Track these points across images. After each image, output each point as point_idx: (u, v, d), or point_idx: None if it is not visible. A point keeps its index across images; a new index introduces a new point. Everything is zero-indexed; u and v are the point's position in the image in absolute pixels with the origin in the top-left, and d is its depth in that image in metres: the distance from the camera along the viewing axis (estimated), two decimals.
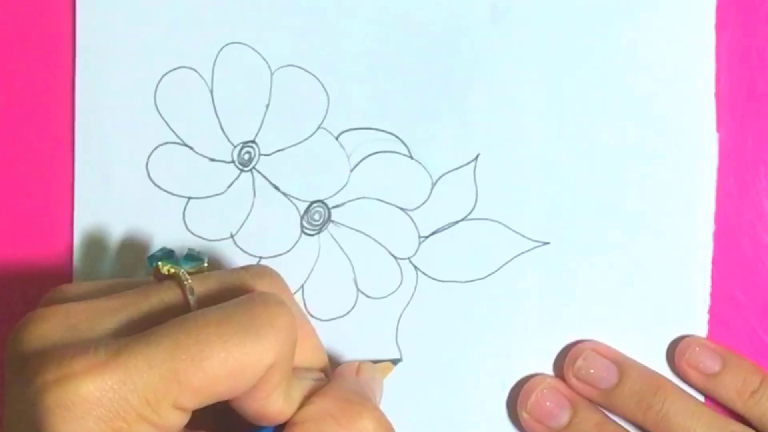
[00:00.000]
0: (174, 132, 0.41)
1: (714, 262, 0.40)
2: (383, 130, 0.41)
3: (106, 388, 0.28)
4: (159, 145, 0.41)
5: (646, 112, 0.40)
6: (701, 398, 0.40)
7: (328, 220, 0.41)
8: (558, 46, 0.41)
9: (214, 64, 0.41)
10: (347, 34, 0.41)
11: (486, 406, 0.41)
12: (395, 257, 0.41)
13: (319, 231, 0.41)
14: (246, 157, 0.41)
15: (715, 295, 0.40)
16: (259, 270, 0.35)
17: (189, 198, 0.41)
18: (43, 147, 0.42)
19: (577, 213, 0.41)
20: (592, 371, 0.39)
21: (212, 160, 0.41)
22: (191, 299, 0.32)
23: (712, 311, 0.40)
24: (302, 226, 0.41)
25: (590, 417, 0.39)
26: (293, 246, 0.41)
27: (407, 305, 0.41)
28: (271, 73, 0.41)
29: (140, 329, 0.30)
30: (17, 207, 0.42)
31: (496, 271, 0.41)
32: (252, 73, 0.41)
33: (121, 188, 0.41)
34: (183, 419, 0.30)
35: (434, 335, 0.41)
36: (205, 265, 0.35)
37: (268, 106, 0.41)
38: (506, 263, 0.41)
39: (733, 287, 0.40)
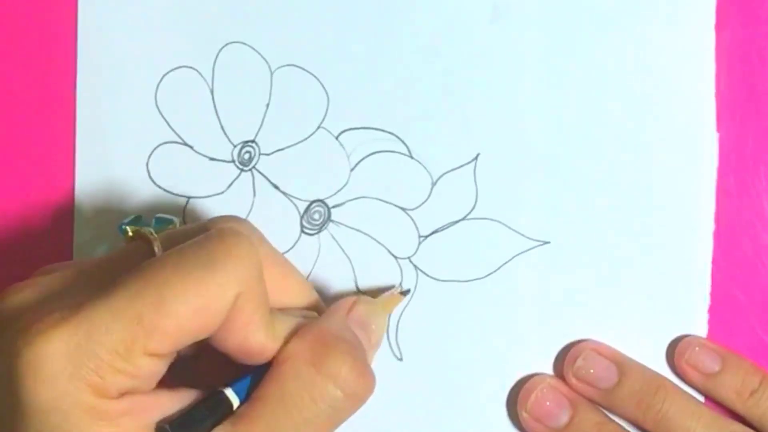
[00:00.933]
0: (174, 131, 0.41)
1: (714, 262, 0.40)
2: (383, 130, 0.41)
3: (72, 343, 0.28)
4: (159, 145, 0.41)
5: (646, 112, 0.40)
6: (701, 398, 0.40)
7: (328, 219, 0.41)
8: (558, 46, 0.41)
9: (214, 64, 0.41)
10: (347, 34, 0.41)
11: (486, 406, 0.41)
12: (395, 257, 0.41)
13: (319, 230, 0.41)
14: (246, 156, 0.41)
15: (715, 295, 0.40)
16: (224, 216, 0.34)
17: (189, 197, 0.41)
18: (45, 146, 0.42)
19: (577, 213, 0.41)
20: (591, 371, 0.39)
21: (212, 159, 0.41)
22: (157, 252, 0.32)
23: (712, 311, 0.40)
24: (302, 226, 0.41)
25: (590, 417, 0.39)
26: (293, 245, 0.41)
27: (407, 305, 0.41)
28: (271, 73, 0.41)
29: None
30: (19, 206, 0.42)
31: (496, 270, 0.41)
32: (252, 73, 0.41)
33: (121, 187, 0.41)
34: (160, 366, 0.30)
35: (434, 335, 0.41)
36: (177, 226, 0.35)
37: (268, 105, 0.41)
38: (506, 263, 0.41)
39: (733, 287, 0.40)
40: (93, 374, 0.28)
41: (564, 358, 0.40)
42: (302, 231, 0.41)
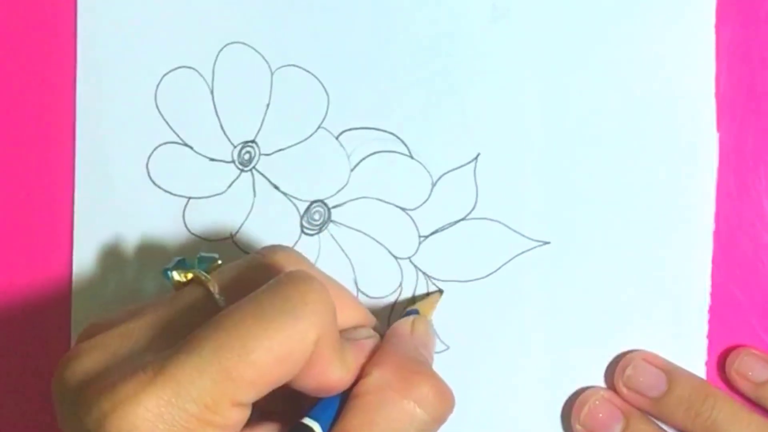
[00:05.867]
0: (174, 132, 0.41)
1: (714, 262, 0.40)
2: (383, 130, 0.41)
3: (162, 403, 0.28)
4: (159, 145, 0.41)
5: (646, 112, 0.40)
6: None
7: (328, 219, 0.41)
8: (558, 46, 0.41)
9: (214, 64, 0.41)
10: (347, 34, 0.41)
11: (486, 405, 0.41)
12: (395, 257, 0.41)
13: (319, 231, 0.41)
14: (246, 157, 0.41)
15: (715, 295, 0.40)
16: (272, 248, 0.35)
17: (189, 198, 0.41)
18: (45, 147, 0.42)
19: (577, 213, 0.41)
20: (641, 379, 0.39)
21: (212, 160, 0.41)
22: (216, 295, 0.32)
23: (712, 311, 0.40)
24: (302, 226, 0.41)
25: (642, 428, 0.39)
26: (293, 246, 0.41)
27: (407, 305, 0.41)
28: (271, 73, 0.41)
29: (177, 338, 0.30)
30: (18, 206, 0.42)
31: (497, 270, 0.41)
32: (252, 73, 0.41)
33: (121, 188, 0.41)
34: (245, 413, 0.30)
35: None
36: (219, 262, 0.35)
37: (268, 106, 0.41)
38: (506, 263, 0.41)
39: (733, 287, 0.40)
40: (184, 430, 0.28)
41: (614, 368, 0.40)
42: (302, 231, 0.41)
